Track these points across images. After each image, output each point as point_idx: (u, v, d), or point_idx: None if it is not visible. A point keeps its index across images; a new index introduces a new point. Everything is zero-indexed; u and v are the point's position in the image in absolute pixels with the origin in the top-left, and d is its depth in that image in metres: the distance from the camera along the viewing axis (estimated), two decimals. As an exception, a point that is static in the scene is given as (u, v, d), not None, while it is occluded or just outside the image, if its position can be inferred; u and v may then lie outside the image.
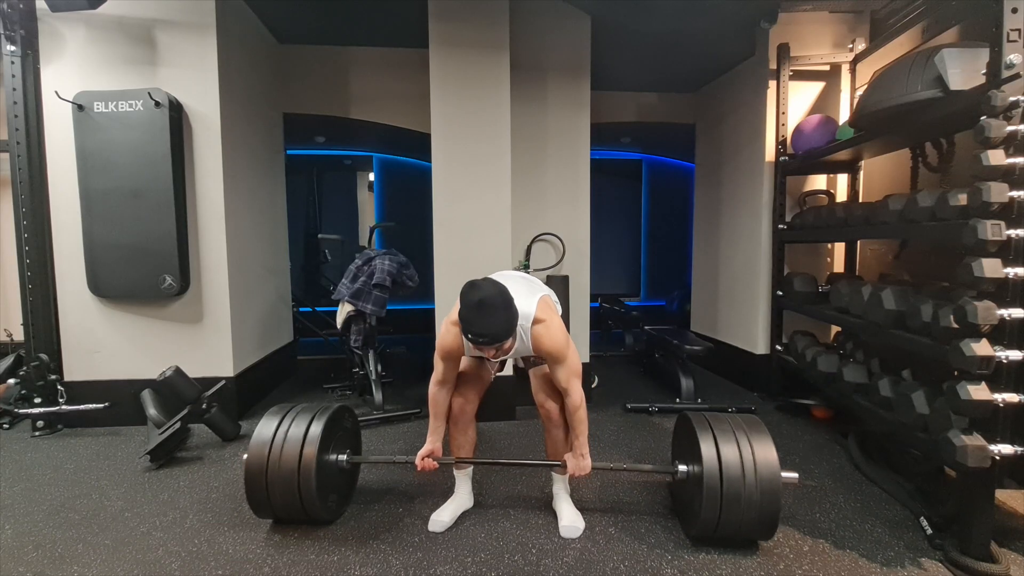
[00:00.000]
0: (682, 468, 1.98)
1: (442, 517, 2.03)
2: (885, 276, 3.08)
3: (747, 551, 1.87)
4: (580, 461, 1.93)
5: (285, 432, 1.99)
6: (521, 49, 3.31)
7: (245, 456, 1.96)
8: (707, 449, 1.85)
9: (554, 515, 2.09)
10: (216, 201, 3.09)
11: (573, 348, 1.92)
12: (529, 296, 1.88)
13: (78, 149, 2.93)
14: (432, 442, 2.02)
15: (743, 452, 1.83)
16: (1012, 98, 1.66)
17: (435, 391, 2.02)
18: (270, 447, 1.96)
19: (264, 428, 2.02)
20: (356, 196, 6.33)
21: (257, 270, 3.64)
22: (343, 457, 2.10)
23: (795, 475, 1.84)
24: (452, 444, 2.12)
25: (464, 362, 2.09)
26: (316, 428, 1.99)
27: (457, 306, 1.73)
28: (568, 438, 2.06)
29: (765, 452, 1.83)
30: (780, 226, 3.49)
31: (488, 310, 1.65)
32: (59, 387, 3.04)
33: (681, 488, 2.05)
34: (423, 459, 1.98)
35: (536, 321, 1.85)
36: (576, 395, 1.90)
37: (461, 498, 2.13)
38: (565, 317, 2.24)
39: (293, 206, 4.45)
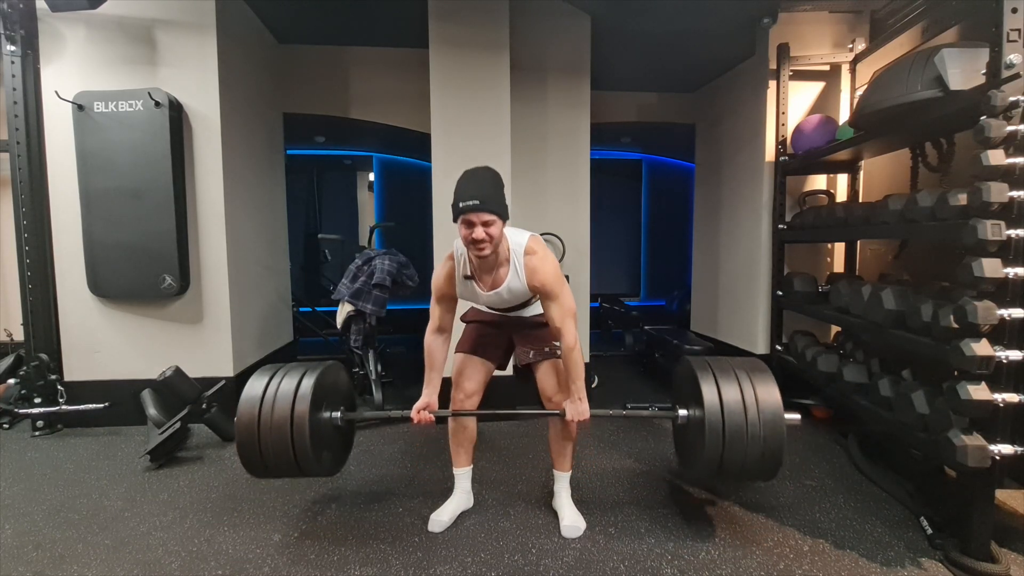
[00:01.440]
0: (683, 412, 1.93)
1: (441, 517, 2.03)
2: (885, 276, 3.07)
3: (747, 551, 1.87)
4: (578, 405, 1.88)
5: (276, 388, 1.89)
6: (521, 49, 3.31)
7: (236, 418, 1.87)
8: (709, 391, 1.79)
9: (554, 515, 2.09)
10: (216, 201, 3.09)
11: (568, 288, 1.91)
12: (520, 232, 1.93)
13: (78, 149, 2.93)
14: (428, 395, 1.96)
15: (745, 393, 1.78)
16: (1012, 98, 1.66)
17: (431, 340, 1.99)
18: (260, 403, 1.86)
19: (254, 384, 1.92)
20: (356, 196, 6.32)
21: (257, 270, 3.64)
22: (337, 414, 2.00)
23: (797, 416, 1.81)
24: (452, 442, 2.12)
25: (464, 359, 2.08)
26: (307, 384, 1.89)
27: None
28: (574, 439, 2.08)
29: (768, 392, 1.78)
30: (780, 226, 3.48)
31: (477, 175, 1.80)
32: (59, 387, 3.04)
33: (683, 433, 2.01)
34: (419, 412, 1.93)
35: (529, 252, 1.87)
36: (570, 335, 1.86)
37: (460, 498, 2.13)
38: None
39: (293, 206, 4.45)
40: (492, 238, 1.76)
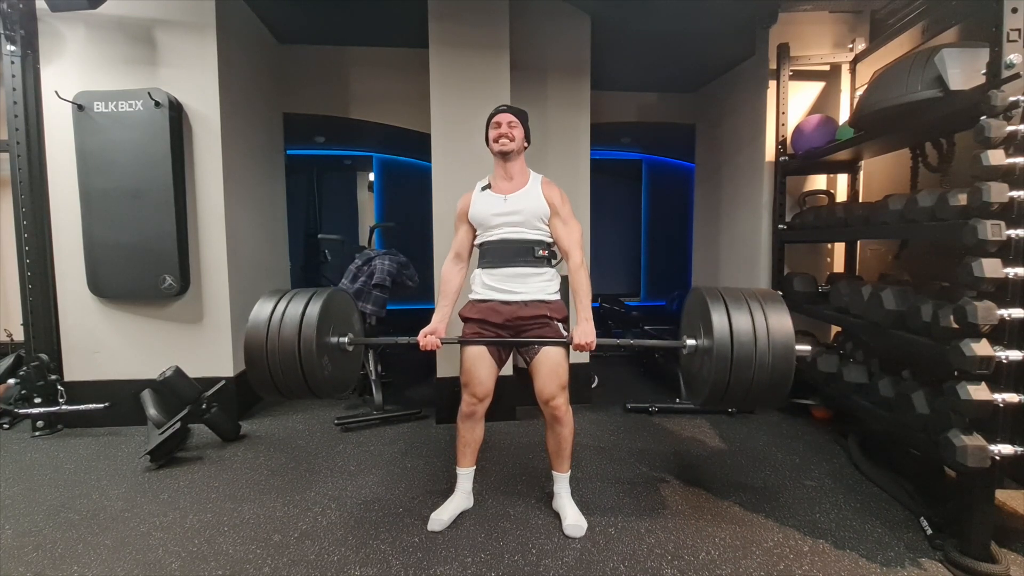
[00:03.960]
0: (691, 342, 1.89)
1: (441, 516, 2.03)
2: (885, 276, 3.07)
3: (747, 551, 1.87)
4: (584, 326, 1.90)
5: (283, 310, 1.89)
6: (521, 49, 3.31)
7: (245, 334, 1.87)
8: (719, 319, 1.73)
9: (554, 515, 2.09)
10: (216, 201, 3.09)
11: (578, 221, 2.09)
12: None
13: (78, 149, 2.93)
14: (437, 320, 2.04)
15: (756, 320, 1.72)
16: (1012, 98, 1.66)
17: (448, 267, 2.15)
18: (268, 323, 1.85)
19: (262, 307, 1.91)
20: (356, 196, 6.32)
21: (257, 270, 3.64)
22: (344, 339, 2.00)
23: (808, 347, 1.78)
24: (459, 442, 2.12)
25: (475, 358, 2.04)
26: (314, 309, 1.87)
27: None
28: (572, 439, 2.07)
29: (780, 321, 1.73)
30: (780, 226, 3.48)
31: (507, 105, 2.14)
32: (59, 387, 3.04)
33: (690, 362, 1.97)
34: (426, 336, 1.96)
35: (544, 181, 2.09)
36: (577, 255, 2.02)
37: (461, 498, 2.13)
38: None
39: (293, 206, 4.45)
40: (514, 138, 2.02)
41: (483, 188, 2.10)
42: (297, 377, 1.83)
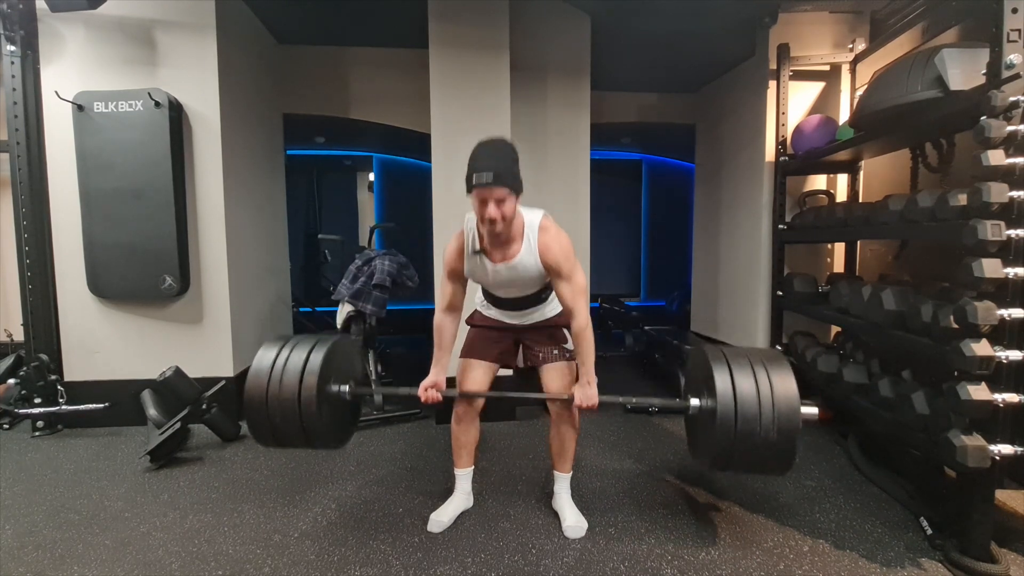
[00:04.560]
0: (695, 402, 1.86)
1: (441, 518, 2.03)
2: (885, 276, 3.07)
3: (747, 551, 1.87)
4: (587, 390, 1.84)
5: (286, 359, 1.87)
6: (521, 49, 3.31)
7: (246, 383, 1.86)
8: (722, 381, 1.71)
9: (554, 515, 2.09)
10: (216, 201, 3.09)
11: (580, 267, 1.89)
12: (533, 210, 1.91)
13: (78, 149, 2.93)
14: (436, 373, 1.96)
15: (760, 383, 1.69)
16: (1012, 98, 1.66)
17: (440, 319, 2.00)
18: (270, 372, 1.84)
19: (264, 355, 1.90)
20: (356, 196, 6.33)
21: (257, 270, 3.64)
22: (345, 388, 1.99)
23: (815, 410, 1.72)
24: (454, 444, 2.12)
25: (465, 363, 2.08)
26: (316, 358, 1.86)
27: None
28: (575, 441, 2.07)
29: (784, 384, 1.70)
30: (780, 226, 3.48)
31: (492, 147, 1.78)
32: (59, 387, 3.04)
33: (694, 423, 1.95)
34: (427, 389, 1.91)
35: (543, 228, 1.85)
36: (582, 316, 1.85)
37: (461, 498, 2.13)
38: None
39: (293, 206, 4.45)
40: (506, 217, 1.73)
41: (475, 252, 1.88)
42: (295, 426, 1.82)
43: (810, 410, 1.70)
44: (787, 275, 3.40)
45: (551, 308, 2.06)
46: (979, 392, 1.65)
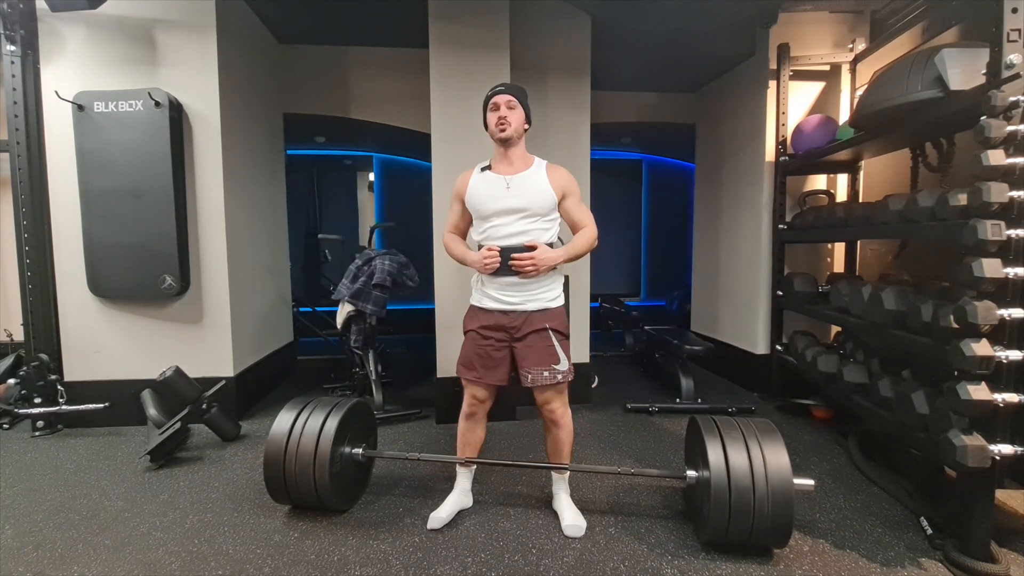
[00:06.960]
0: (691, 473, 1.95)
1: (440, 514, 2.03)
2: (885, 276, 3.07)
3: (747, 551, 1.87)
4: (547, 252, 1.93)
5: (303, 424, 2.07)
6: (521, 49, 3.31)
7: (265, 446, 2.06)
8: (715, 455, 1.81)
9: (554, 515, 2.09)
10: (216, 201, 3.09)
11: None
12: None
13: (78, 149, 2.93)
14: (475, 254, 2.01)
15: (753, 457, 1.78)
16: (1012, 98, 1.66)
17: (448, 237, 2.14)
18: (288, 437, 2.04)
19: (283, 419, 2.11)
20: (356, 196, 6.33)
21: (257, 270, 3.64)
22: (358, 451, 2.17)
23: (811, 482, 1.78)
24: (459, 441, 2.13)
25: (476, 356, 2.03)
26: (332, 422, 2.06)
27: None
28: (570, 441, 2.08)
29: (776, 457, 1.78)
30: (780, 226, 3.49)
31: (506, 83, 2.04)
32: (59, 387, 3.04)
33: (693, 493, 2.02)
34: (485, 260, 1.93)
35: (550, 165, 2.03)
36: (591, 223, 2.03)
37: (460, 496, 2.13)
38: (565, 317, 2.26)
39: (293, 206, 4.45)
40: (514, 122, 1.93)
41: (483, 169, 2.02)
42: (309, 488, 2.02)
43: (804, 482, 1.78)
44: (787, 275, 3.40)
45: (552, 291, 2.01)
46: (979, 392, 1.65)
